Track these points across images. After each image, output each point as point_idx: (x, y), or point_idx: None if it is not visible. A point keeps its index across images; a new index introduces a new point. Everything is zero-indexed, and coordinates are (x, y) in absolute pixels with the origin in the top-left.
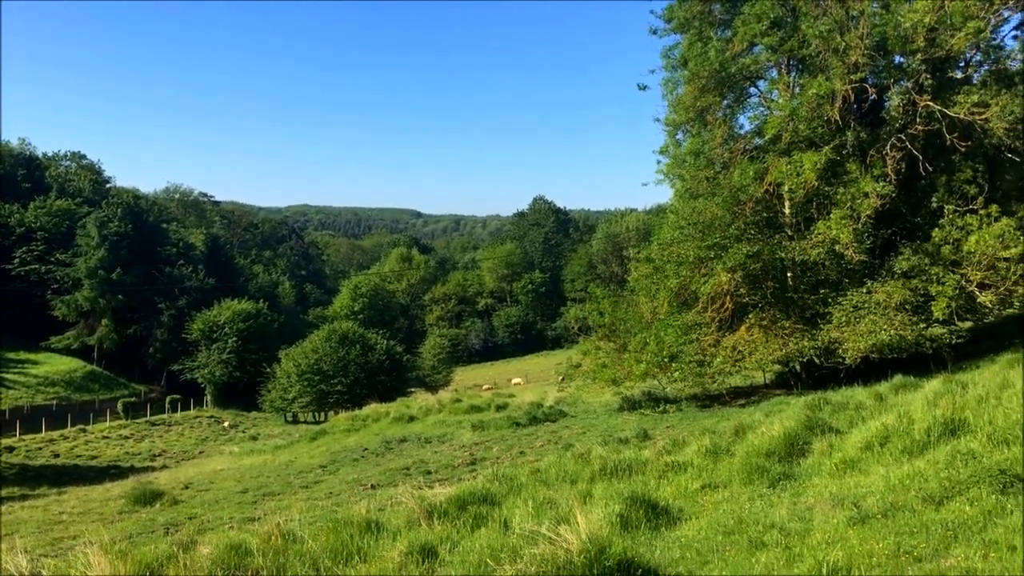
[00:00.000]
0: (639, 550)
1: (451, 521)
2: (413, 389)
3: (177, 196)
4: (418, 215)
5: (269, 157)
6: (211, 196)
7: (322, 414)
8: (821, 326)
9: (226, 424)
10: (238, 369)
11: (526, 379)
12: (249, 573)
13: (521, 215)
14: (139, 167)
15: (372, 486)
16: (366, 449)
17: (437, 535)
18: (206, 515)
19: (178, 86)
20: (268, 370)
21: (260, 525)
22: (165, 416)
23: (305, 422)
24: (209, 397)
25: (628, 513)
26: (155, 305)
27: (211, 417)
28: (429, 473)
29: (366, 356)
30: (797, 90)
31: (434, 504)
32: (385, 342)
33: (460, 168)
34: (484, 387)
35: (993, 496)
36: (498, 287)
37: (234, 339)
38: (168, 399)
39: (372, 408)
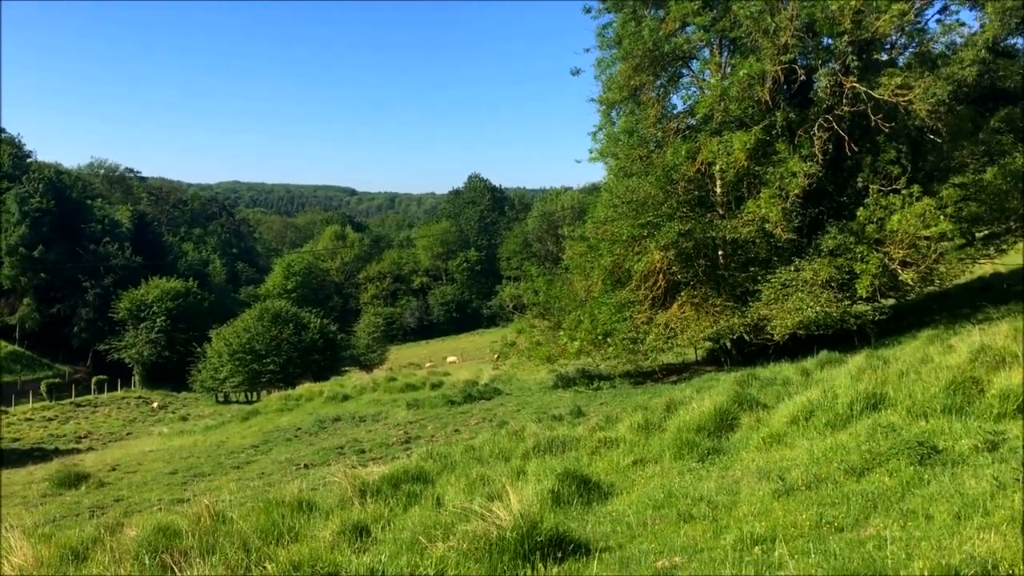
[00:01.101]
0: (571, 525)
1: (384, 500)
2: (348, 368)
3: (102, 172)
4: (353, 193)
5: (198, 132)
6: (138, 172)
7: (254, 394)
8: (751, 303)
9: (155, 405)
10: (167, 349)
11: (461, 357)
12: (177, 554)
13: (456, 193)
14: (61, 142)
15: (305, 466)
16: (299, 429)
17: (370, 514)
18: (134, 497)
19: (99, 57)
20: (198, 350)
21: (189, 506)
22: (91, 397)
23: (237, 402)
24: (137, 378)
25: (560, 489)
26: (79, 283)
27: (139, 398)
28: (363, 452)
29: (299, 335)
30: (728, 70)
31: (367, 483)
32: (319, 321)
33: (396, 146)
34: (420, 365)
35: (911, 467)
36: (433, 265)
37: (163, 318)
38: (94, 380)
39: (306, 387)
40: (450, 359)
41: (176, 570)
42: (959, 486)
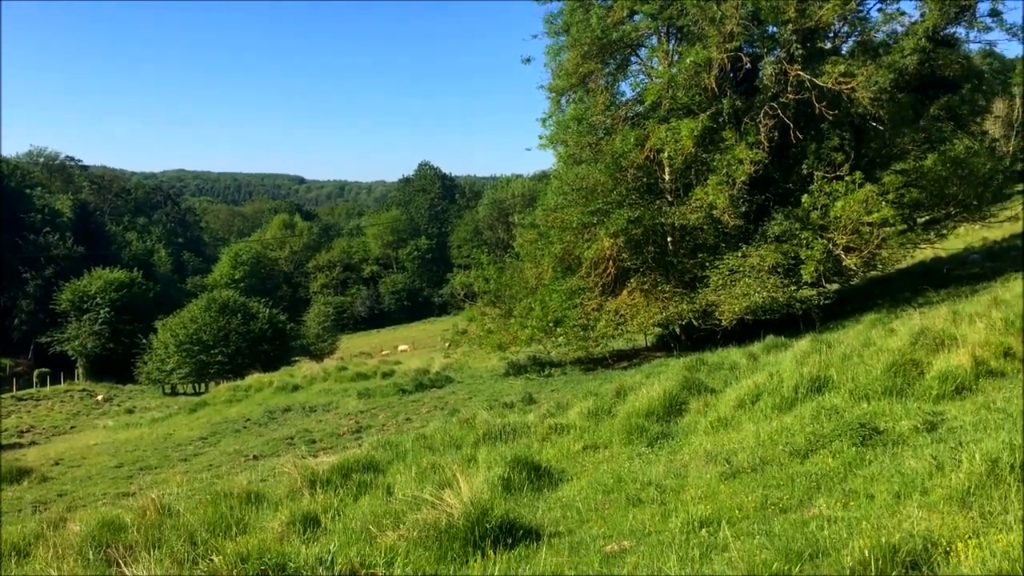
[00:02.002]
0: (521, 511)
1: (335, 490)
2: (298, 358)
3: (41, 160)
4: (301, 181)
5: (141, 120)
6: (79, 160)
7: (202, 385)
8: (699, 289)
9: (99, 398)
10: (112, 341)
11: (413, 346)
12: (122, 549)
13: (407, 181)
14: None
15: (254, 457)
16: (248, 420)
17: (320, 504)
18: (78, 492)
19: (35, 44)
20: (144, 341)
21: (135, 500)
22: (33, 391)
23: (184, 394)
24: (81, 370)
25: (511, 476)
26: (20, 274)
27: (83, 391)
28: (314, 442)
29: (248, 325)
30: (676, 58)
31: (317, 473)
32: (268, 311)
33: (345, 133)
34: (372, 354)
35: (853, 448)
36: (384, 254)
37: (106, 309)
38: (36, 373)
39: (255, 378)
40: (401, 348)
41: (121, 565)
42: (899, 466)
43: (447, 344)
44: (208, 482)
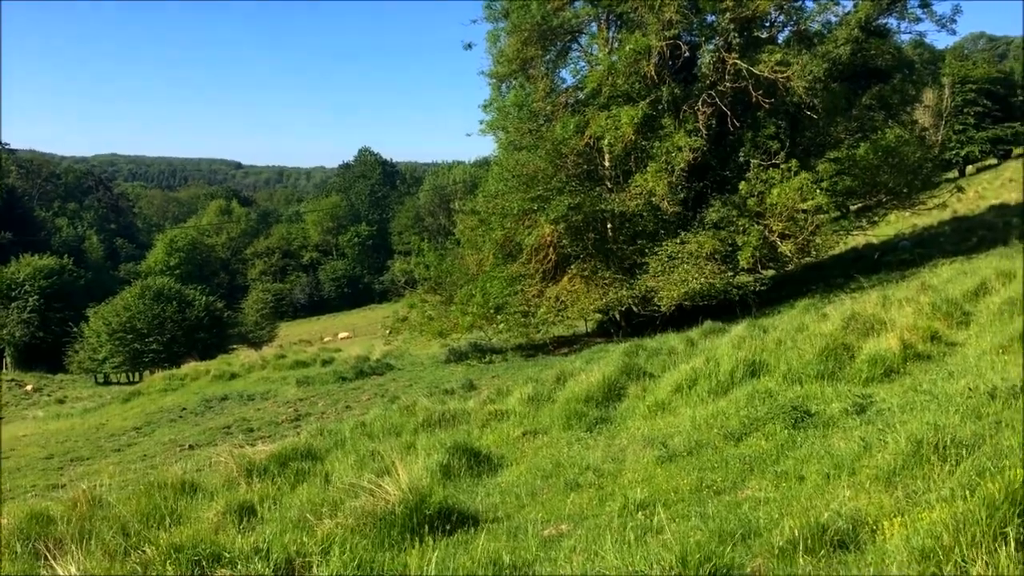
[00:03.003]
0: (460, 498)
1: (272, 479)
2: (235, 346)
3: None
4: (239, 166)
5: (71, 103)
6: (6, 144)
7: (137, 374)
8: (639, 276)
9: (29, 388)
10: (41, 329)
11: (354, 333)
12: (51, 542)
13: (347, 167)
14: None
15: (190, 447)
16: (184, 409)
17: (257, 493)
18: (6, 484)
19: None
20: (75, 330)
21: (66, 492)
22: None
23: (118, 383)
24: (9, 360)
25: (450, 462)
26: None
27: (12, 380)
28: (251, 431)
29: (184, 313)
30: (616, 45)
31: (254, 462)
32: (204, 298)
33: (284, 118)
34: (312, 342)
35: (786, 431)
36: (324, 240)
37: (36, 297)
38: None
39: (191, 367)
40: (342, 335)
41: (50, 558)
42: (829, 447)
43: (388, 331)
44: (142, 473)
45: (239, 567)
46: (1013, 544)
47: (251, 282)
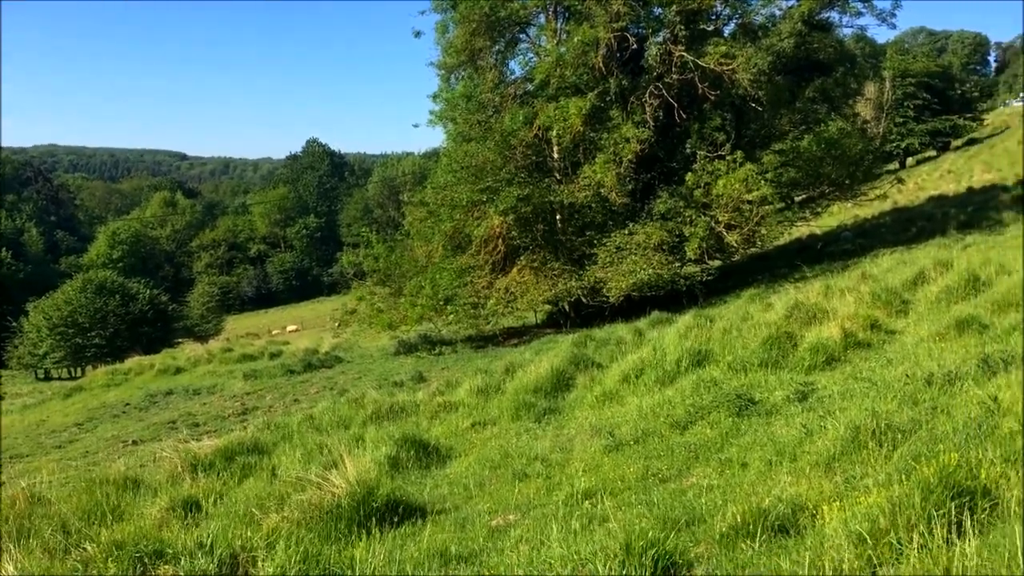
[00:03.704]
0: (408, 490)
1: (217, 474)
2: (181, 340)
3: None
4: (183, 157)
5: (6, 93)
6: None
7: (78, 370)
8: (587, 267)
9: None
10: None
11: (302, 326)
12: None
13: (294, 158)
14: None
15: (133, 442)
16: (128, 404)
17: (202, 488)
18: None
19: None
20: (14, 324)
21: (4, 490)
22: None
23: (59, 379)
24: None
25: (399, 454)
26: None
27: None
28: (197, 426)
29: (127, 307)
30: (564, 37)
31: (199, 457)
32: (148, 291)
33: (230, 108)
34: (259, 335)
35: (730, 419)
36: (271, 232)
37: None
38: None
39: (135, 361)
40: (290, 328)
41: None
42: (771, 435)
43: (337, 324)
44: (84, 469)
45: (182, 563)
46: (947, 527)
47: (197, 275)
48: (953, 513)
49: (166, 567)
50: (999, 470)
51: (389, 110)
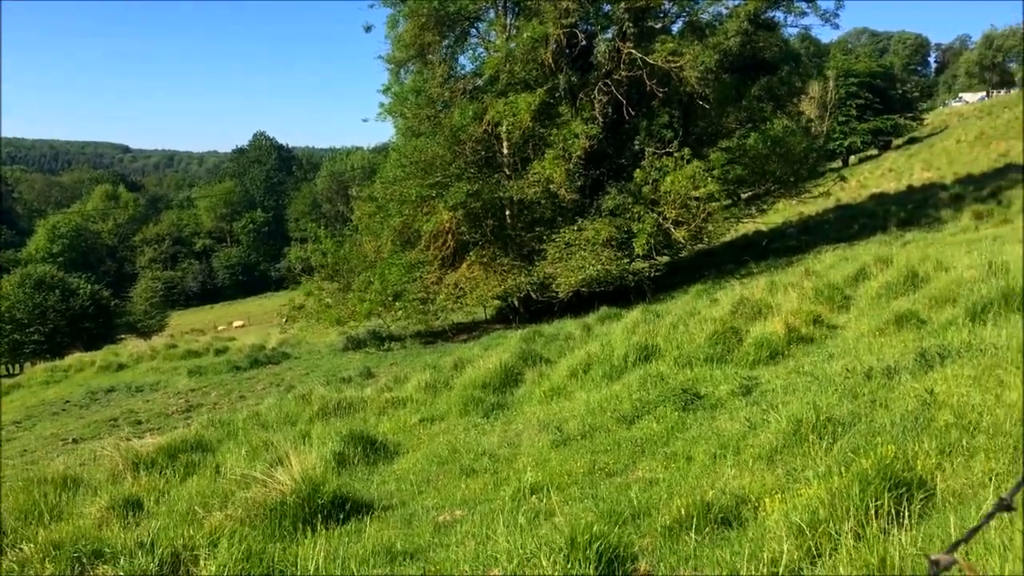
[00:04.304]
0: (355, 486)
1: (160, 472)
2: (123, 336)
3: None
4: (127, 150)
5: None
6: None
7: (16, 366)
8: (537, 262)
9: None
10: None
11: (249, 321)
12: None
13: (241, 152)
14: None
15: (74, 440)
16: (68, 401)
17: (143, 487)
18: None
19: None
20: None
21: None
22: None
23: None
24: None
25: (346, 451)
26: None
27: None
28: (140, 423)
29: (67, 302)
30: (514, 32)
31: (141, 455)
32: (90, 286)
33: (175, 101)
34: (205, 331)
35: (676, 413)
36: (217, 227)
37: None
38: None
39: (76, 358)
40: (237, 324)
41: None
42: (716, 428)
43: (284, 320)
44: (21, 469)
45: (122, 563)
46: (884, 517)
47: (140, 270)
48: (890, 504)
49: (105, 567)
50: (934, 461)
51: (338, 104)
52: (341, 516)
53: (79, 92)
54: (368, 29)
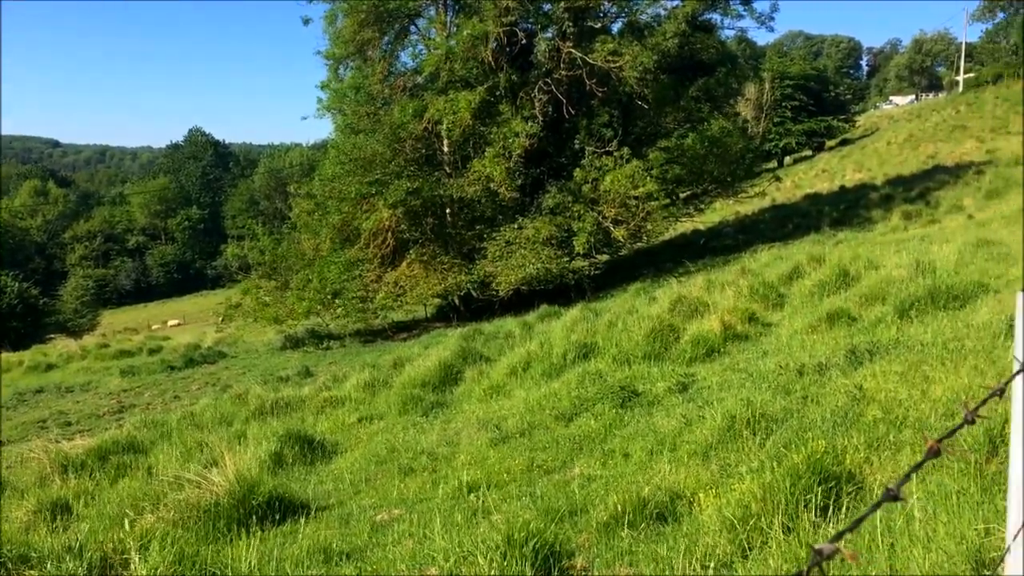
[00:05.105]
0: (292, 486)
1: (90, 474)
2: (53, 336)
3: None
4: (56, 144)
5: None
6: None
7: None
8: (477, 261)
9: None
10: None
11: (184, 320)
12: None
13: (176, 147)
14: None
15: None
16: None
17: (72, 490)
18: None
19: None
20: None
21: None
22: None
23: None
24: None
25: (283, 451)
26: None
27: None
28: (69, 425)
29: None
30: (454, 30)
31: (70, 457)
32: (17, 284)
33: (107, 94)
34: (138, 330)
35: (614, 410)
36: (151, 224)
37: None
38: None
39: (2, 357)
40: (172, 323)
41: None
42: (653, 425)
43: (221, 318)
44: None
45: (49, 567)
46: (814, 510)
47: (70, 267)
48: (820, 497)
49: (32, 572)
50: (863, 455)
51: (276, 100)
52: (277, 517)
53: (5, 84)
54: (307, 22)
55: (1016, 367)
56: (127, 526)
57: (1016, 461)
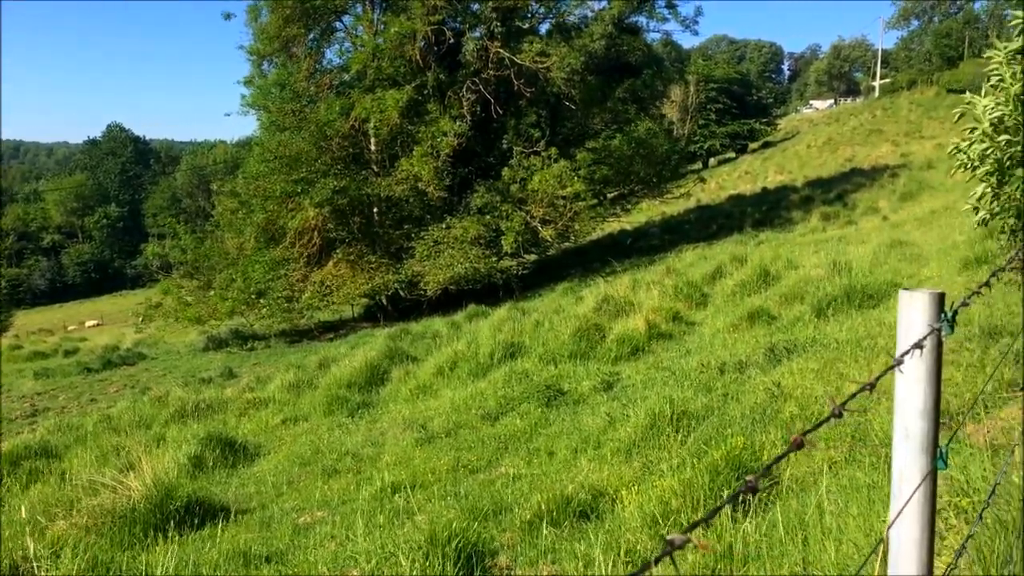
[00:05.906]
0: (212, 490)
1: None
2: None
3: None
4: None
5: None
6: None
7: None
8: (405, 260)
9: None
10: None
11: (103, 321)
12: None
13: (94, 143)
14: None
15: None
16: None
17: None
18: None
19: None
20: None
21: None
22: None
23: None
24: None
25: (203, 453)
26: None
27: None
28: None
29: None
30: (381, 28)
31: None
32: None
33: (22, 88)
34: (53, 331)
35: (540, 409)
36: (67, 222)
37: None
38: None
39: None
40: (89, 323)
41: None
42: (578, 424)
43: (140, 319)
44: None
45: None
46: (731, 505)
47: None
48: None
49: None
50: (780, 451)
51: (199, 95)
52: (196, 521)
53: None
54: (228, 17)
55: (895, 361)
56: (39, 533)
57: (898, 448)
